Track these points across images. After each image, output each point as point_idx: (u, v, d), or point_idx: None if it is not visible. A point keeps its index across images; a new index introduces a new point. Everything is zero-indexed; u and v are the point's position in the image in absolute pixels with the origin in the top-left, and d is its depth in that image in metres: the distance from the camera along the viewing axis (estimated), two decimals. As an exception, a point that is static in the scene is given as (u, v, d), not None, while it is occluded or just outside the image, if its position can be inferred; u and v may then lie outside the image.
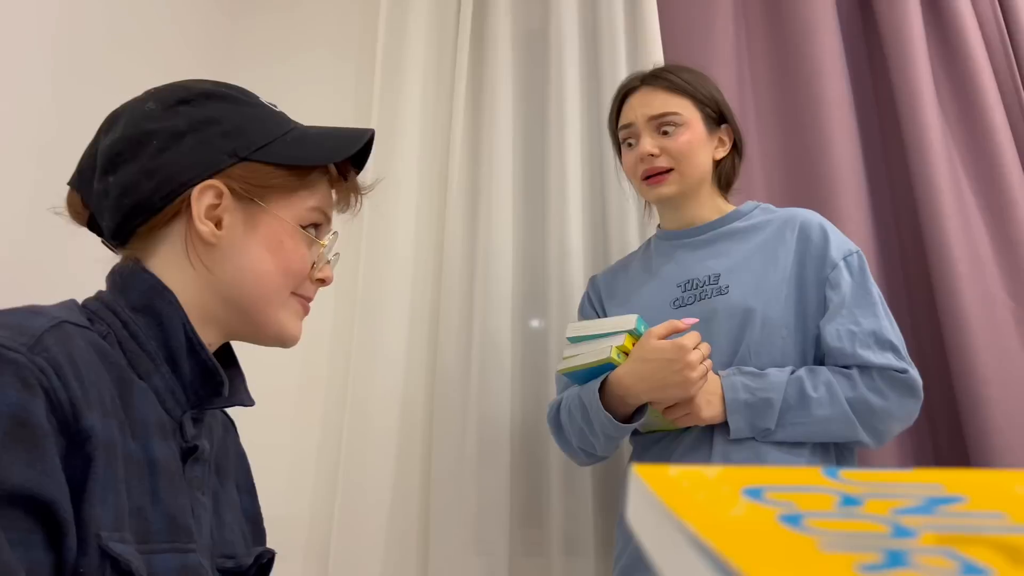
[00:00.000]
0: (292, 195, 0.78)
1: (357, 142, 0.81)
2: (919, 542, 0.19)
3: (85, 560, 0.56)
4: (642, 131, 1.34)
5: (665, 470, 0.26)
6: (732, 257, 1.30)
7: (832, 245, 1.26)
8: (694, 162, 1.31)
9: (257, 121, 0.78)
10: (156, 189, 0.73)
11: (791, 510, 0.22)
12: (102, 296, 0.73)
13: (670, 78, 1.36)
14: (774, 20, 1.90)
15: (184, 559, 0.67)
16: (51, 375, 0.57)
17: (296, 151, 0.78)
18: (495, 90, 1.86)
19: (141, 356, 0.70)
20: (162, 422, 0.70)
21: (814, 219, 1.30)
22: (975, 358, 1.52)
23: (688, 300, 1.30)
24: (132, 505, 0.63)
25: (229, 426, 0.91)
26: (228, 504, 0.82)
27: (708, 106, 1.35)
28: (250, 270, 0.76)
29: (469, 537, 1.59)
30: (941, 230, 1.61)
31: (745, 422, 1.16)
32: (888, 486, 0.24)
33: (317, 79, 2.03)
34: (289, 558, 1.65)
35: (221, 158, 0.74)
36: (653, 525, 0.23)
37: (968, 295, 1.56)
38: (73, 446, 0.58)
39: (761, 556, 0.17)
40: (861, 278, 1.24)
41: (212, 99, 0.77)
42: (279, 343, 0.80)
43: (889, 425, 1.19)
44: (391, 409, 1.68)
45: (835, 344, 1.19)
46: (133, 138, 0.74)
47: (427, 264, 1.81)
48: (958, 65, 1.75)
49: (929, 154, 1.65)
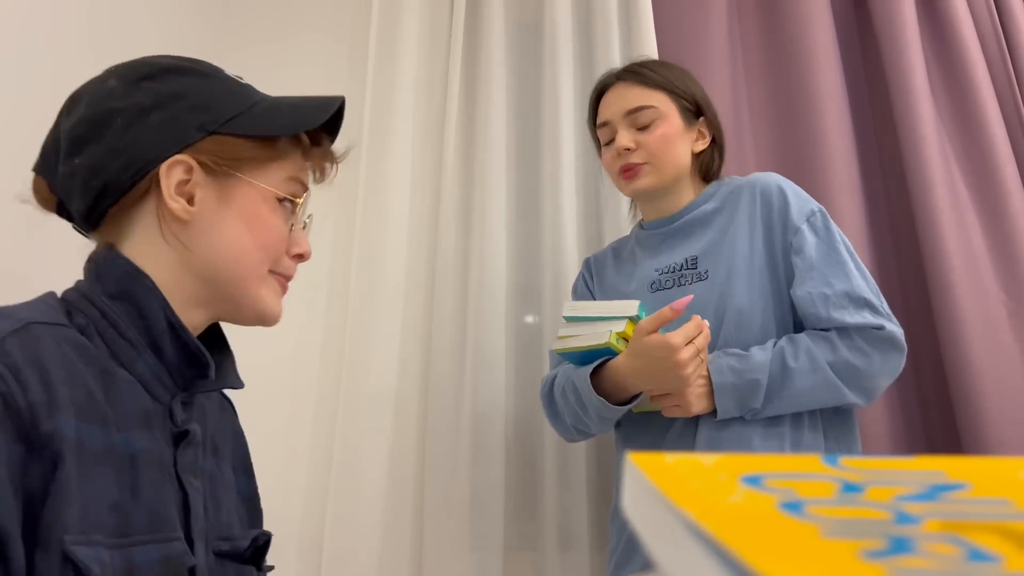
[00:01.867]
0: (264, 167, 0.76)
1: (327, 110, 0.79)
2: (923, 528, 0.18)
3: (47, 565, 0.56)
4: (618, 126, 1.33)
5: (661, 458, 0.25)
6: (706, 239, 1.30)
7: (792, 209, 1.24)
8: (671, 155, 1.30)
9: (224, 94, 0.76)
10: (124, 168, 0.71)
11: (791, 497, 0.21)
12: (80, 286, 0.72)
13: (644, 73, 1.34)
14: (768, 14, 1.90)
15: (167, 549, 0.66)
16: (9, 379, 0.56)
17: (266, 122, 0.76)
18: (489, 81, 1.85)
19: (122, 344, 0.69)
20: (147, 411, 0.69)
21: (772, 184, 1.28)
22: (969, 351, 1.53)
23: (666, 283, 1.30)
24: (111, 500, 0.62)
25: (226, 406, 0.90)
26: (224, 486, 0.81)
27: (685, 99, 1.33)
28: (226, 246, 0.74)
29: (463, 531, 1.58)
30: (935, 224, 1.61)
31: (733, 403, 1.15)
32: (890, 473, 0.24)
33: (310, 62, 2.02)
34: (283, 553, 1.64)
35: (189, 132, 0.72)
36: (649, 513, 0.22)
37: (962, 289, 1.56)
38: (33, 452, 0.56)
39: (762, 542, 0.17)
40: (827, 236, 1.22)
41: (176, 73, 0.75)
42: (260, 321, 0.79)
43: (877, 382, 1.17)
44: (385, 403, 1.67)
45: (809, 310, 1.18)
46: (96, 118, 0.72)
47: (420, 257, 1.80)
48: (952, 59, 1.75)
49: (923, 148, 1.65)
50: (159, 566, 0.64)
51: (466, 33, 1.91)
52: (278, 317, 0.80)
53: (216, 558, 0.75)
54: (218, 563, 0.75)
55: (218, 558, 0.75)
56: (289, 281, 0.82)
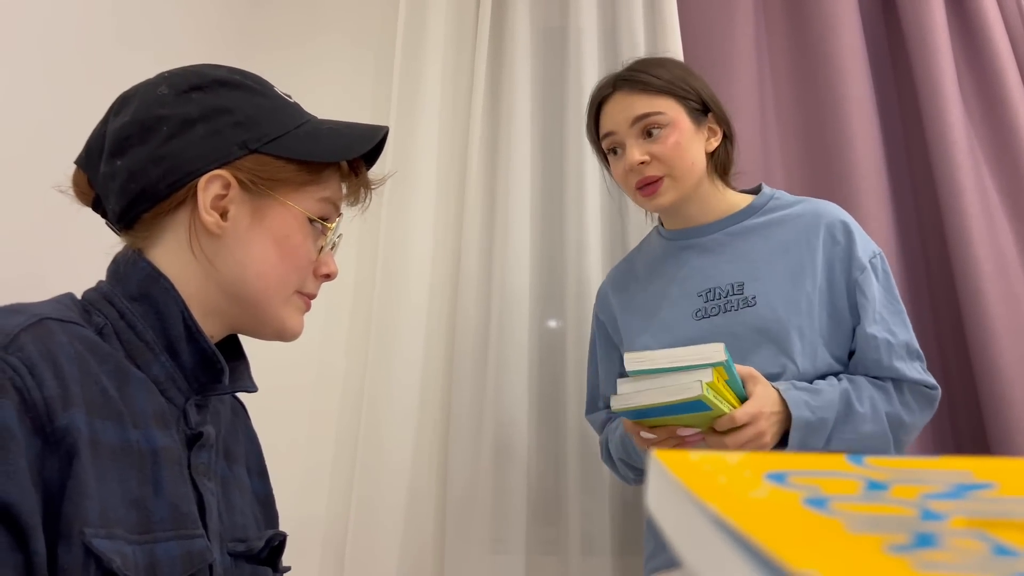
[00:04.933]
0: (301, 189, 0.77)
1: (370, 140, 0.80)
2: (949, 525, 0.18)
3: (70, 558, 0.56)
4: (626, 138, 1.24)
5: (685, 455, 0.26)
6: (752, 261, 1.23)
7: (858, 246, 1.20)
8: (687, 162, 1.22)
9: (270, 112, 0.77)
10: (163, 176, 0.72)
11: (816, 494, 0.21)
12: (100, 287, 0.73)
13: (645, 79, 1.25)
14: (795, 16, 1.88)
15: (189, 545, 0.67)
16: (25, 374, 0.57)
17: (309, 146, 0.77)
18: (514, 85, 1.85)
19: (139, 346, 0.70)
20: (162, 411, 0.70)
21: (837, 218, 1.23)
22: (999, 359, 1.50)
23: (711, 311, 1.23)
24: (131, 496, 0.63)
25: (239, 409, 0.91)
26: (238, 488, 0.82)
27: (691, 99, 1.25)
28: (254, 264, 0.75)
29: (486, 535, 1.59)
30: (965, 229, 1.58)
31: (800, 440, 1.08)
32: (915, 472, 0.24)
33: (336, 66, 2.03)
34: (306, 556, 1.66)
35: (231, 149, 0.74)
36: (674, 509, 0.22)
37: (992, 295, 1.54)
38: (49, 446, 0.57)
39: (786, 535, 0.17)
40: (887, 282, 1.20)
41: (225, 87, 0.76)
42: (279, 338, 0.80)
43: (911, 436, 1.17)
44: (408, 407, 1.68)
45: (872, 355, 1.15)
46: (143, 122, 0.73)
47: (444, 261, 1.81)
48: (983, 62, 1.72)
49: (953, 153, 1.63)
50: (181, 562, 0.65)
51: (491, 37, 1.91)
52: (298, 334, 0.81)
53: (231, 559, 0.76)
54: (233, 564, 0.76)
55: (233, 559, 0.76)
56: (313, 299, 0.82)
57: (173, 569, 0.64)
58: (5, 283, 1.14)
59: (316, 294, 0.83)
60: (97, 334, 0.68)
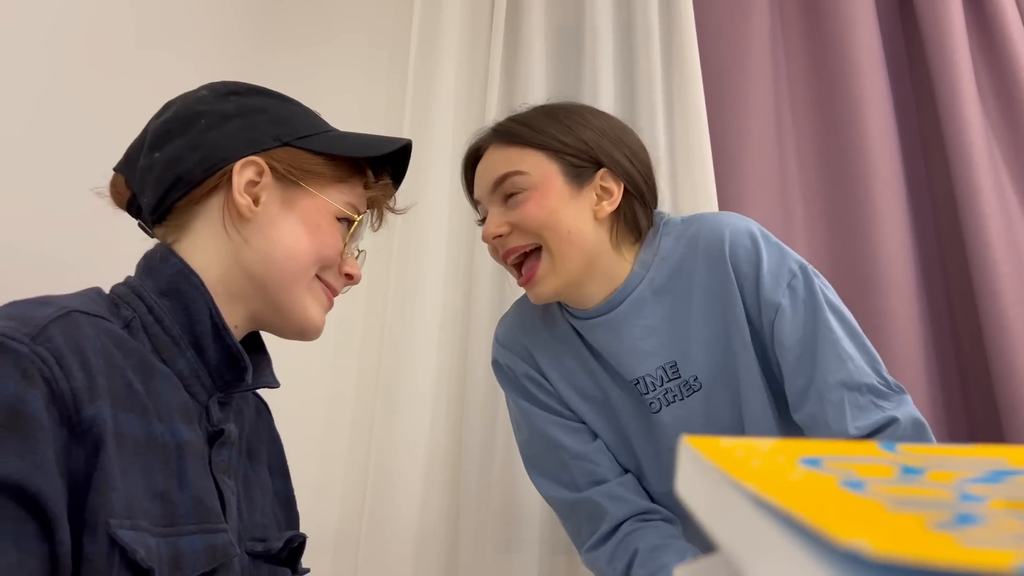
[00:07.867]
0: (329, 186, 0.81)
1: (393, 144, 0.84)
2: (989, 506, 0.18)
3: (95, 548, 0.57)
4: (489, 206, 1.05)
5: (716, 441, 0.26)
6: (670, 331, 1.05)
7: (765, 281, 0.99)
8: (561, 231, 1.00)
9: (301, 116, 0.83)
10: (199, 162, 0.75)
11: (851, 477, 0.21)
12: (129, 281, 0.75)
13: (512, 128, 1.05)
14: (811, 16, 1.87)
15: (212, 539, 0.67)
16: (53, 365, 0.57)
17: (336, 144, 0.82)
18: (529, 86, 1.85)
19: (165, 341, 0.71)
20: (186, 407, 0.70)
21: (740, 247, 1.02)
22: (1017, 362, 1.49)
23: (660, 404, 1.06)
24: (155, 489, 0.63)
25: (263, 409, 0.92)
26: (259, 487, 0.82)
27: (570, 154, 1.02)
28: (284, 243, 0.77)
29: (499, 534, 1.59)
30: (983, 231, 1.57)
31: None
32: (949, 459, 0.24)
33: (351, 66, 2.04)
34: (319, 553, 1.66)
35: (265, 140, 0.78)
36: (708, 492, 0.23)
37: (1010, 297, 1.53)
38: (76, 437, 0.58)
39: (830, 510, 0.17)
40: (811, 304, 0.98)
41: (261, 95, 0.82)
42: (301, 329, 0.80)
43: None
44: (421, 405, 1.68)
45: (821, 426, 0.93)
46: (183, 117, 0.77)
47: (458, 259, 1.81)
48: (1001, 62, 1.71)
49: (970, 153, 1.62)
50: (204, 555, 0.66)
51: (506, 36, 1.92)
52: (319, 330, 0.82)
53: (250, 558, 0.76)
54: (252, 563, 0.76)
55: (252, 558, 0.76)
56: (335, 296, 0.84)
57: (197, 562, 0.64)
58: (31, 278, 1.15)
59: (339, 291, 0.84)
60: (124, 328, 0.68)
